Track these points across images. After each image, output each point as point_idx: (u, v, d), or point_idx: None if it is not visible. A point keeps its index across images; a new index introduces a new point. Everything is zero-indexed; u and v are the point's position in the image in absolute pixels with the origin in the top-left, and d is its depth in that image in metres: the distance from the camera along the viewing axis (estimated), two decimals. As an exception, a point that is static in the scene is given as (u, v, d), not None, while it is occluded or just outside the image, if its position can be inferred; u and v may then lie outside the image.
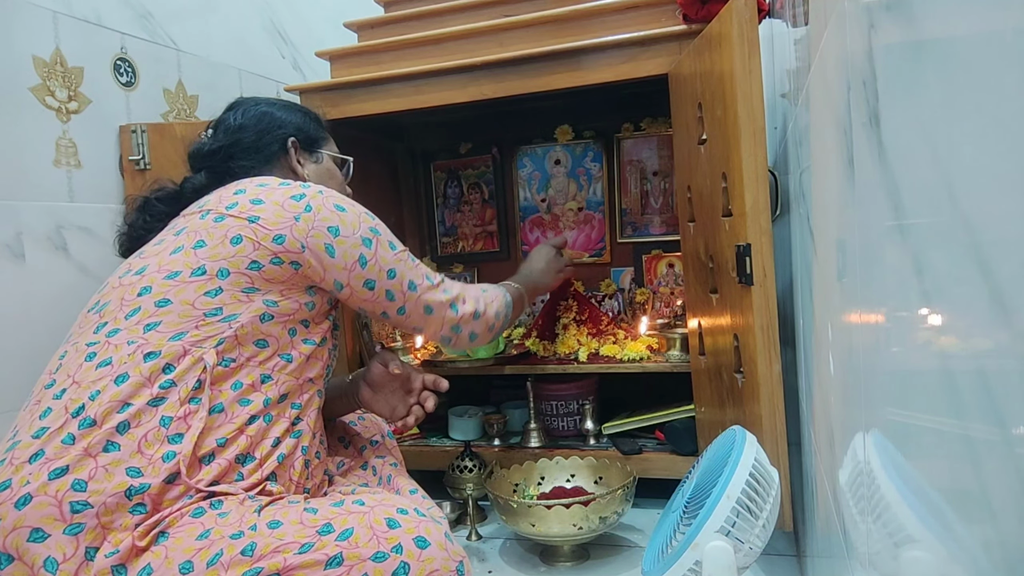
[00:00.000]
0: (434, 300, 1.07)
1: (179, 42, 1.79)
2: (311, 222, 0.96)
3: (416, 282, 1.06)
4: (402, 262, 1.05)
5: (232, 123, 1.13)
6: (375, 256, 1.01)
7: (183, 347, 0.87)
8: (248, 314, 0.92)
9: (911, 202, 0.39)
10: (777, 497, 0.92)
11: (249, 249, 0.94)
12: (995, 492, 0.28)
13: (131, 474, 0.80)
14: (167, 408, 0.84)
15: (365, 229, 1.02)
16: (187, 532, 0.79)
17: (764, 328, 1.08)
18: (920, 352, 0.38)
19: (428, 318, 1.07)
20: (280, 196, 0.98)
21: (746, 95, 1.07)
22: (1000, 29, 0.27)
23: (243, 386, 0.90)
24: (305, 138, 1.16)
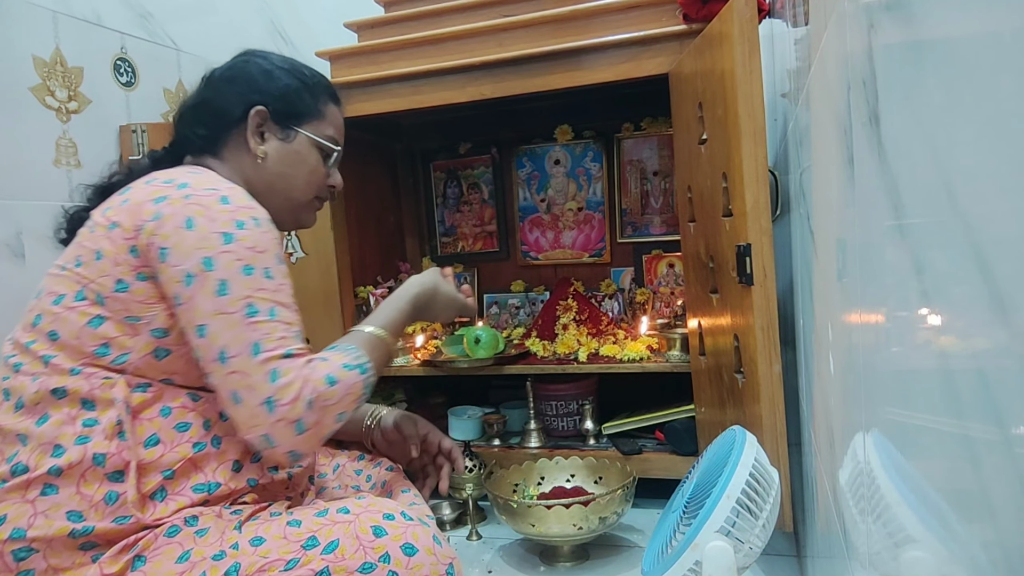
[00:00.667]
0: (246, 385, 0.77)
1: (179, 42, 1.79)
2: (149, 237, 0.80)
3: (230, 352, 0.77)
4: (224, 317, 0.77)
5: (214, 75, 0.98)
6: (191, 300, 0.78)
7: (88, 382, 0.79)
8: (139, 352, 0.80)
9: (911, 202, 0.39)
10: (777, 497, 0.92)
11: (109, 266, 0.81)
12: (995, 492, 0.28)
13: (72, 519, 0.75)
14: (96, 446, 0.77)
15: (195, 261, 0.78)
16: (165, 555, 0.75)
17: (764, 328, 1.08)
18: (920, 352, 0.38)
19: (236, 408, 0.78)
20: (144, 194, 0.83)
21: (746, 95, 1.07)
22: (1000, 29, 0.27)
23: (172, 410, 0.81)
24: (282, 108, 0.96)
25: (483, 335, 1.66)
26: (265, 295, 0.80)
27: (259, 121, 0.94)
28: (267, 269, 0.81)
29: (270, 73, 0.96)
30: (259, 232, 0.82)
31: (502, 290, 2.07)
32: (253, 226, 0.82)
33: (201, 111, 0.96)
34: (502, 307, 2.05)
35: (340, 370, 0.82)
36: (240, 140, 0.95)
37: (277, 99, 0.95)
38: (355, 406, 0.84)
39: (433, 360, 1.73)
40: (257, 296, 0.79)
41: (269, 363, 0.77)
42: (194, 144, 0.95)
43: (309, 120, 0.98)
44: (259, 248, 0.81)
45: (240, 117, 0.94)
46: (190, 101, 0.98)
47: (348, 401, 0.82)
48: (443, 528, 1.53)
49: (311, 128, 0.98)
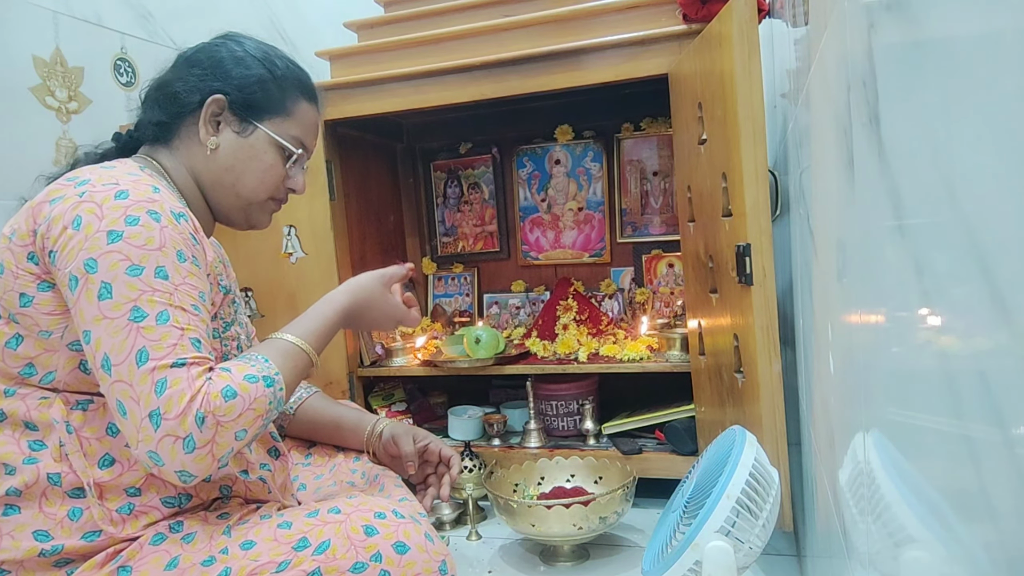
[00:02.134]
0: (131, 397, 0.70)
1: (179, 42, 1.79)
2: (43, 240, 0.74)
3: (115, 360, 0.70)
4: (107, 322, 0.71)
5: (182, 56, 0.92)
6: (76, 304, 0.72)
7: (24, 403, 0.76)
8: (64, 369, 0.76)
9: (911, 202, 0.39)
10: (777, 497, 0.92)
11: (11, 279, 0.76)
12: (995, 492, 0.28)
13: (39, 538, 0.73)
14: (48, 467, 0.74)
15: (78, 263, 0.72)
16: (152, 564, 0.73)
17: (764, 328, 1.08)
18: (920, 352, 0.38)
19: (122, 421, 0.71)
20: (42, 196, 0.77)
21: (746, 95, 1.07)
22: (1000, 29, 0.27)
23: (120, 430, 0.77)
24: (243, 100, 0.88)
25: (483, 335, 1.66)
26: (157, 297, 0.72)
27: (216, 110, 0.88)
28: (160, 268, 0.73)
29: (240, 60, 0.90)
30: (156, 227, 0.74)
31: (502, 290, 2.07)
32: (149, 221, 0.74)
33: (160, 94, 0.90)
34: (502, 307, 2.05)
35: (241, 382, 0.73)
36: (193, 129, 0.88)
37: (239, 88, 0.88)
38: (260, 423, 0.75)
39: (433, 360, 1.73)
40: (144, 299, 0.72)
41: (156, 372, 0.70)
42: (149, 130, 0.90)
43: (272, 116, 0.91)
44: (152, 246, 0.73)
45: (197, 104, 0.87)
46: (152, 83, 0.92)
47: (249, 417, 0.73)
48: (443, 528, 1.53)
49: (273, 125, 0.91)
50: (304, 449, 1.15)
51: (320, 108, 0.98)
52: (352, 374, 1.73)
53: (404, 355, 1.80)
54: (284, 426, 1.14)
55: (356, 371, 1.74)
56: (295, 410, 1.14)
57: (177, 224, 0.77)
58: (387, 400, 1.83)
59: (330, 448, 1.17)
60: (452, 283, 2.11)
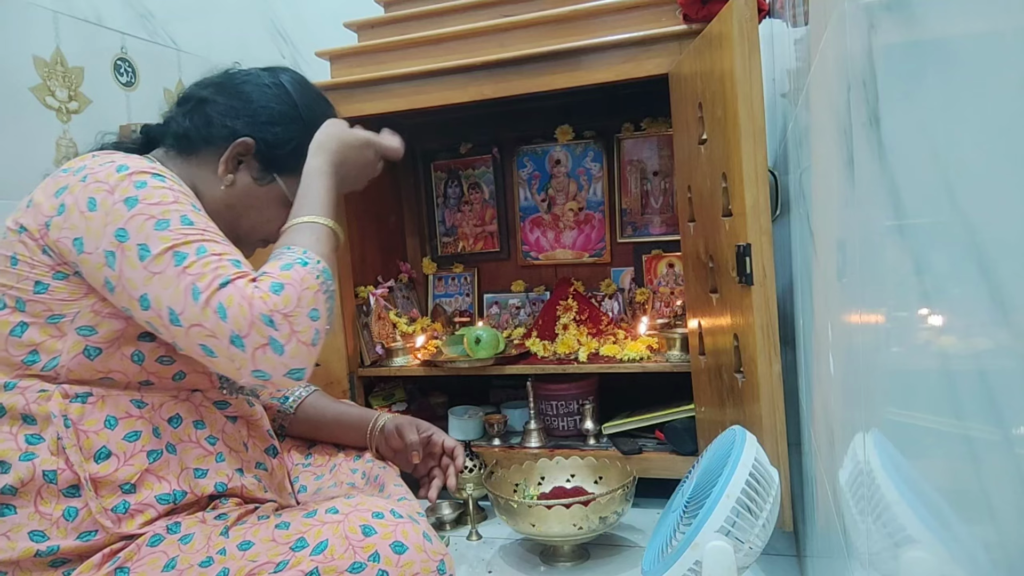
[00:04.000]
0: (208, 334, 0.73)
1: (179, 42, 1.79)
2: (58, 232, 0.76)
3: (178, 309, 0.73)
4: (158, 277, 0.73)
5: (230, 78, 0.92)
6: (122, 277, 0.74)
7: (24, 396, 0.76)
8: (69, 354, 0.77)
9: (911, 202, 0.39)
10: (777, 497, 0.92)
11: (27, 269, 0.77)
12: (995, 492, 0.28)
13: (35, 539, 0.73)
14: (44, 463, 0.74)
15: (109, 237, 0.74)
16: (150, 565, 0.73)
17: (764, 328, 1.08)
18: (920, 352, 0.38)
19: (214, 361, 0.74)
20: (46, 192, 0.78)
21: (746, 95, 1.07)
22: (1000, 29, 0.27)
23: (118, 420, 0.78)
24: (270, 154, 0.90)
25: (484, 335, 1.66)
26: (191, 238, 0.75)
27: (241, 151, 0.88)
28: (183, 216, 0.76)
29: (284, 115, 0.90)
30: (164, 186, 0.77)
31: (503, 290, 2.07)
32: (155, 182, 0.77)
33: (197, 109, 0.90)
34: (502, 307, 2.05)
35: (280, 273, 0.75)
36: (213, 156, 0.89)
37: (271, 144, 0.89)
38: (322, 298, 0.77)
39: (434, 360, 1.73)
40: (180, 243, 0.74)
41: (211, 300, 0.72)
42: (171, 138, 0.90)
43: (292, 174, 0.90)
44: (168, 200, 0.76)
45: (225, 138, 0.88)
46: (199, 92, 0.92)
47: (308, 297, 0.75)
48: (443, 528, 1.53)
49: (291, 182, 0.90)
50: (304, 450, 1.15)
51: None
52: (352, 374, 1.73)
53: (404, 355, 1.80)
54: (285, 426, 1.14)
55: (356, 371, 1.74)
56: (295, 409, 1.14)
57: (181, 186, 0.80)
58: (387, 400, 1.83)
59: (330, 448, 1.17)
60: (452, 283, 2.11)
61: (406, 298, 2.05)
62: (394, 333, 1.88)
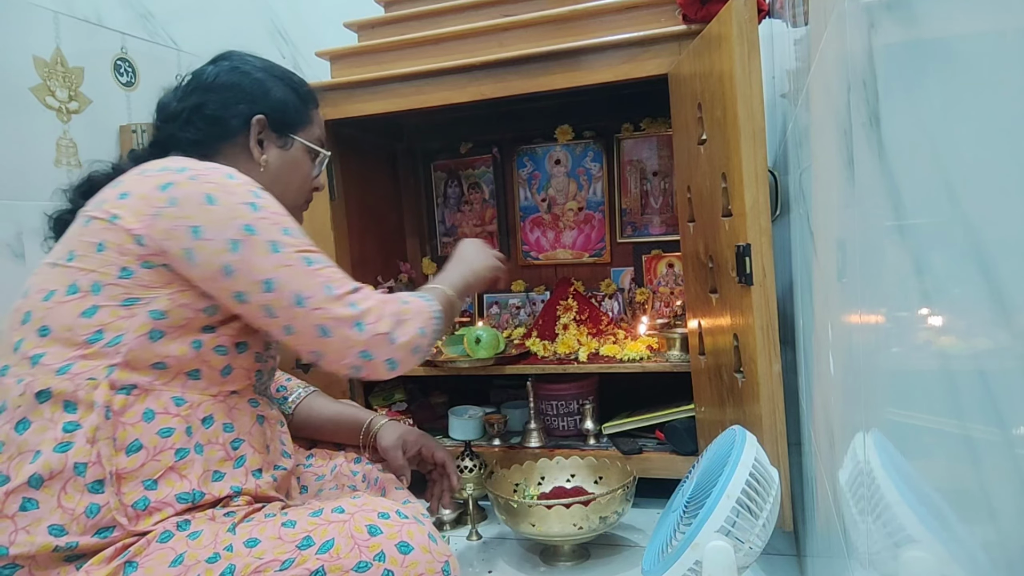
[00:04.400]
0: (331, 317, 0.83)
1: (179, 42, 1.79)
2: (172, 221, 0.81)
3: (306, 294, 0.83)
4: (287, 268, 0.83)
5: (204, 79, 0.98)
6: (245, 263, 0.82)
7: (73, 382, 0.78)
8: (134, 334, 0.80)
9: (911, 202, 0.39)
10: (777, 497, 0.92)
11: (114, 256, 0.81)
12: (995, 492, 0.28)
13: (54, 533, 0.74)
14: (77, 454, 0.76)
15: (235, 228, 0.82)
16: (157, 560, 0.74)
17: (764, 328, 1.08)
18: (920, 352, 0.38)
19: (325, 341, 0.84)
20: (146, 187, 0.84)
21: (746, 95, 1.07)
22: (1000, 29, 0.27)
23: (156, 415, 0.80)
24: (279, 117, 0.99)
25: (483, 335, 1.66)
26: (313, 248, 0.87)
27: (259, 130, 0.97)
28: (297, 230, 0.87)
29: (263, 83, 0.99)
30: (272, 201, 0.87)
31: (503, 290, 2.07)
32: (266, 196, 0.87)
33: (195, 116, 0.95)
34: (503, 307, 2.05)
35: (406, 296, 0.92)
36: (237, 147, 0.97)
37: (274, 109, 0.98)
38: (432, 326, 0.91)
39: (434, 360, 1.73)
40: (307, 250, 0.86)
41: (344, 297, 0.85)
42: (181, 144, 0.95)
43: (302, 127, 1.02)
44: (282, 212, 0.87)
45: (239, 126, 0.96)
46: (179, 105, 0.97)
47: (423, 318, 0.90)
48: (443, 528, 1.53)
49: (304, 135, 1.02)
50: (305, 449, 1.15)
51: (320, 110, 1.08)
52: (352, 374, 1.73)
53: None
54: None
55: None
56: (293, 410, 1.14)
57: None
58: (387, 400, 1.83)
59: (330, 448, 1.17)
60: (452, 283, 2.11)
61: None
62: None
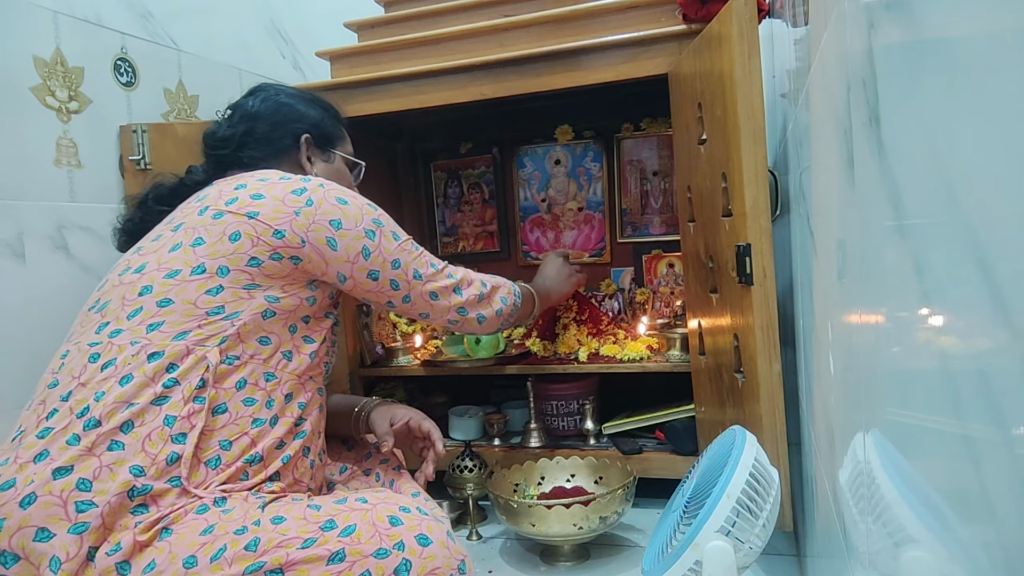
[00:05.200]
0: (439, 286, 1.09)
1: (179, 42, 1.79)
2: (312, 216, 0.97)
3: (420, 271, 1.07)
4: (406, 252, 1.06)
5: (249, 109, 1.13)
6: (378, 247, 1.02)
7: (186, 346, 0.87)
8: (250, 311, 0.92)
9: (911, 202, 0.39)
10: (777, 497, 0.92)
11: (248, 246, 0.94)
12: (995, 492, 0.28)
13: (134, 472, 0.80)
14: (171, 407, 0.84)
15: (368, 221, 1.02)
16: (190, 528, 0.79)
17: (764, 328, 1.08)
18: (920, 352, 0.38)
19: (433, 304, 1.09)
20: (281, 191, 0.98)
21: (746, 95, 1.07)
22: (1000, 29, 0.27)
23: (247, 384, 0.90)
24: (320, 135, 1.16)
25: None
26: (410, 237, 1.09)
27: (306, 147, 1.14)
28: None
29: (300, 107, 1.15)
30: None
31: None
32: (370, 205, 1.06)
33: (248, 140, 1.11)
34: (502, 307, 2.05)
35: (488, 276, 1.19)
36: (289, 164, 1.13)
37: (315, 127, 1.15)
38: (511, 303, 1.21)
39: (434, 360, 1.73)
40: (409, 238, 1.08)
41: (443, 271, 1.11)
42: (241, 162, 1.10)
43: (339, 142, 1.20)
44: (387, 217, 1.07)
45: (290, 145, 1.13)
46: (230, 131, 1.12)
47: (503, 292, 1.20)
48: (443, 528, 1.53)
49: (341, 148, 1.20)
50: None
51: None
52: (353, 374, 1.73)
53: (405, 355, 1.80)
54: None
55: (357, 371, 1.74)
56: None
57: None
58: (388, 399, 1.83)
59: (337, 444, 1.19)
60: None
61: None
62: (394, 333, 1.88)
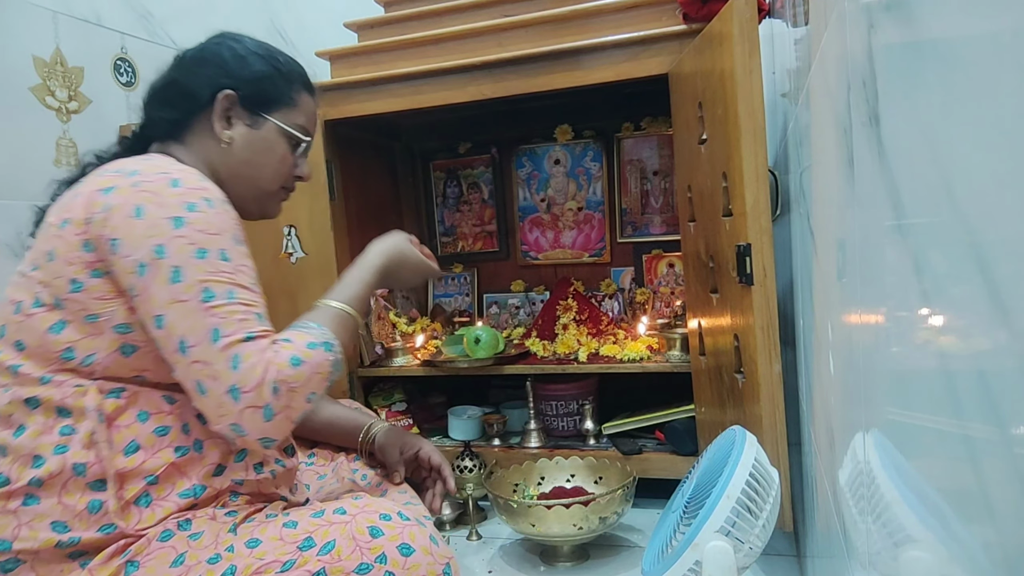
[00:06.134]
0: (209, 375, 0.74)
1: (179, 42, 1.79)
2: (101, 228, 0.76)
3: (190, 341, 0.74)
4: (180, 305, 0.74)
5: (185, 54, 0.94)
6: (145, 290, 0.75)
7: (60, 390, 0.77)
8: (105, 351, 0.78)
9: (911, 202, 0.39)
10: (777, 497, 0.92)
11: (62, 266, 0.77)
12: (995, 492, 0.28)
13: (57, 529, 0.74)
14: (75, 456, 0.75)
15: (147, 249, 0.75)
16: (159, 559, 0.74)
17: (764, 328, 1.08)
18: (920, 352, 0.38)
19: (202, 400, 0.75)
20: (93, 186, 0.79)
21: (746, 95, 1.07)
22: (1000, 29, 0.27)
23: (150, 415, 0.79)
24: (253, 93, 0.91)
25: (483, 335, 1.66)
26: (222, 278, 0.76)
27: (227, 105, 0.90)
28: (223, 251, 0.77)
29: (243, 58, 0.92)
30: (213, 213, 0.79)
31: (502, 290, 2.07)
32: (206, 207, 0.78)
33: (169, 92, 0.91)
34: (502, 307, 2.05)
35: (304, 350, 0.79)
36: (206, 125, 0.91)
37: (248, 83, 0.91)
38: (324, 385, 0.81)
39: (433, 360, 1.73)
40: (213, 280, 0.76)
41: (230, 348, 0.74)
42: (160, 128, 0.92)
43: (280, 108, 0.94)
44: (212, 230, 0.78)
45: (208, 100, 0.89)
46: (158, 82, 0.93)
47: (316, 381, 0.79)
48: (443, 528, 1.53)
49: (281, 116, 0.94)
50: (306, 449, 1.15)
51: (317, 99, 1.01)
52: (352, 374, 1.73)
53: (404, 355, 1.80)
54: None
55: (356, 371, 1.74)
56: None
57: (228, 210, 0.82)
58: (387, 400, 1.83)
59: (332, 449, 1.17)
60: (452, 283, 2.11)
61: (406, 298, 2.05)
62: (394, 333, 1.88)
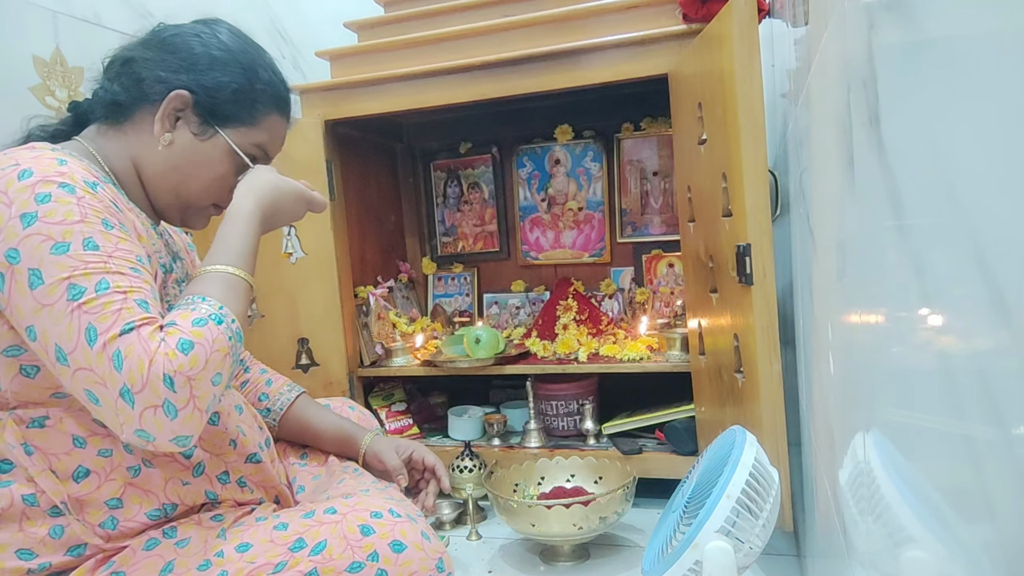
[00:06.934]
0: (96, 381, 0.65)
1: (179, 42, 1.79)
2: None
3: (67, 347, 0.65)
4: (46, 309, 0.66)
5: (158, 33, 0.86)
6: (9, 301, 0.67)
7: None
8: (8, 378, 0.71)
9: (911, 202, 0.39)
10: (777, 497, 0.92)
11: None
12: (995, 492, 0.28)
13: (23, 557, 0.71)
14: (21, 488, 0.72)
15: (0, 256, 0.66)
16: (146, 569, 0.72)
17: (764, 328, 1.08)
18: (920, 352, 0.38)
19: (99, 411, 0.67)
20: None
21: (746, 95, 1.07)
22: (1000, 29, 0.27)
23: (86, 440, 0.74)
24: (210, 101, 0.82)
25: (483, 335, 1.66)
26: (91, 268, 0.67)
27: (178, 106, 0.82)
28: (87, 240, 0.68)
29: (214, 59, 0.83)
30: (72, 199, 0.69)
31: (502, 290, 2.07)
32: (62, 194, 0.68)
33: (124, 70, 0.83)
34: (502, 307, 2.05)
35: (192, 330, 0.68)
36: (149, 117, 0.82)
37: (208, 90, 0.82)
38: (229, 361, 0.71)
39: (433, 360, 1.73)
40: (78, 274, 0.66)
41: (109, 346, 0.65)
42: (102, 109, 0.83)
43: (237, 124, 0.85)
44: (72, 219, 0.68)
45: (160, 94, 0.81)
46: (120, 53, 0.85)
47: (216, 361, 0.68)
48: (443, 528, 1.53)
49: (235, 133, 0.85)
50: (299, 449, 1.15)
51: (290, 120, 0.94)
52: (352, 374, 1.73)
53: (404, 355, 1.80)
54: None
55: (356, 371, 1.74)
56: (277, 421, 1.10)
57: (94, 193, 0.71)
58: (387, 400, 1.83)
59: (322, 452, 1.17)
60: (452, 283, 2.11)
61: (406, 298, 2.05)
62: (394, 333, 1.88)
